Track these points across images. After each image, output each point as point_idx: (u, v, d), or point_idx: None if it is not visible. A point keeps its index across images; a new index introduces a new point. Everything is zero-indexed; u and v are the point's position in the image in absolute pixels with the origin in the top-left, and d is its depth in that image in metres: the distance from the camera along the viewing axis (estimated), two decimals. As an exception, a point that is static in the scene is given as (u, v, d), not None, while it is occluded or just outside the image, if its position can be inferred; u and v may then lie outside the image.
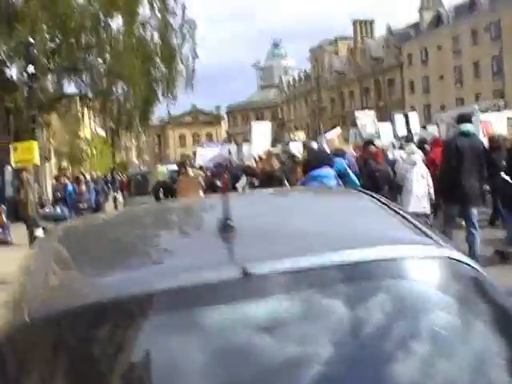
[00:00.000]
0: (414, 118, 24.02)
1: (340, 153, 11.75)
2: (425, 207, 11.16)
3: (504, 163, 10.37)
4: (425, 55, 67.73)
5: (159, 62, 29.01)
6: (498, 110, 23.72)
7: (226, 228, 1.67)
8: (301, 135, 28.24)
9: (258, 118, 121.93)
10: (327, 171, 5.75)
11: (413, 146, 12.51)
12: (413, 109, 62.92)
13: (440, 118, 27.47)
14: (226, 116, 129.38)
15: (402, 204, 11.31)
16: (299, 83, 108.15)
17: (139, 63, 26.68)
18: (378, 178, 11.59)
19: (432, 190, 11.29)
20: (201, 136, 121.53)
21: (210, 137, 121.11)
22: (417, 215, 10.67)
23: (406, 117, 24.39)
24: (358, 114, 27.20)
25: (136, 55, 26.53)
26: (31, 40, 19.39)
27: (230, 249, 1.72)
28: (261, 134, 20.21)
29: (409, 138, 16.10)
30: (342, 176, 9.75)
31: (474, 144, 9.07)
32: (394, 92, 74.84)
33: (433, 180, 11.42)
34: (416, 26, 74.22)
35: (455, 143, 9.03)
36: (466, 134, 9.04)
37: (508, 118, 22.45)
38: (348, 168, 10.33)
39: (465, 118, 9.42)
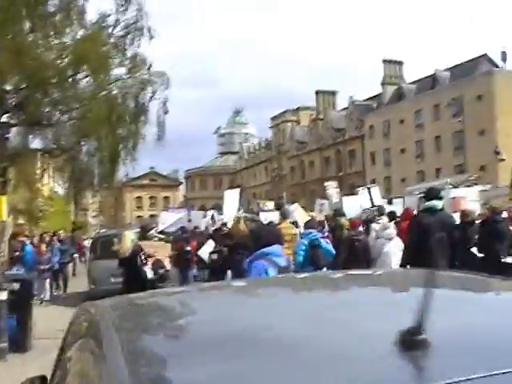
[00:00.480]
0: (376, 191, 23.59)
1: (313, 224, 11.87)
2: None
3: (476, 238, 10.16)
4: (387, 128, 68.18)
5: (127, 118, 28.17)
6: (469, 186, 23.25)
7: (416, 343, 1.04)
8: (269, 205, 27.67)
9: (216, 184, 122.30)
10: (277, 249, 5.33)
11: (386, 220, 12.76)
12: (373, 181, 63.61)
13: (410, 191, 27.04)
14: (184, 180, 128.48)
15: None
16: (259, 151, 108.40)
17: (106, 120, 25.77)
18: (358, 249, 11.78)
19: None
20: (158, 199, 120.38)
21: (167, 200, 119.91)
22: None
23: (369, 190, 23.78)
24: (328, 184, 26.97)
25: (104, 111, 25.63)
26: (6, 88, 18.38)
27: None
28: (231, 201, 20.35)
29: (380, 211, 15.53)
30: (313, 247, 10.68)
31: (441, 220, 8.75)
32: (354, 163, 74.99)
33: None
34: (378, 98, 75.32)
35: (419, 220, 8.89)
36: (432, 211, 8.78)
37: (480, 191, 22.04)
38: (322, 239, 10.96)
39: (432, 194, 9.13)
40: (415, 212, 13.34)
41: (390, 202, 23.52)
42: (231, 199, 21.08)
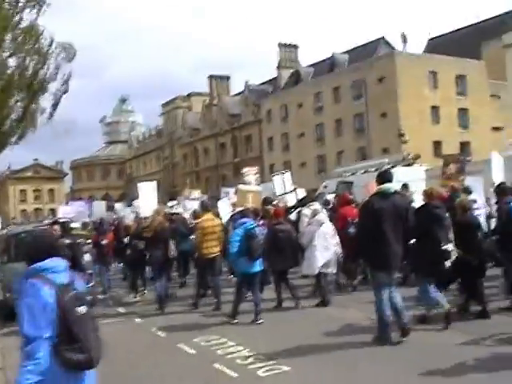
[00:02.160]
0: (288, 177, 22.41)
1: (247, 213, 11.78)
2: (332, 268, 12.11)
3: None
4: (284, 112, 66.65)
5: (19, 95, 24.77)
6: (409, 165, 21.66)
7: None
8: (196, 193, 25.64)
9: (104, 174, 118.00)
10: (56, 263, 4.12)
11: (317, 206, 12.49)
12: (271, 166, 62.09)
13: (338, 173, 25.46)
14: (70, 172, 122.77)
15: (304, 264, 12.08)
16: (150, 139, 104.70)
17: None
18: (281, 239, 11.86)
19: (339, 248, 12.21)
20: (43, 192, 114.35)
21: (52, 193, 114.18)
22: (325, 275, 11.90)
23: (282, 176, 22.69)
24: (246, 170, 26.33)
25: None
26: None
27: None
28: (148, 194, 19.09)
29: (315, 198, 14.76)
30: (248, 237, 10.78)
31: (394, 204, 8.40)
32: (251, 149, 73.12)
33: (342, 236, 12.45)
34: (274, 82, 73.81)
35: (372, 204, 8.47)
36: (384, 194, 8.46)
37: (425, 171, 20.52)
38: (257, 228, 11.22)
39: (384, 177, 8.76)
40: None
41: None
42: (147, 192, 19.51)
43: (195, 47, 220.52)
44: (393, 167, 19.76)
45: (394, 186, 8.78)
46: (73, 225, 15.82)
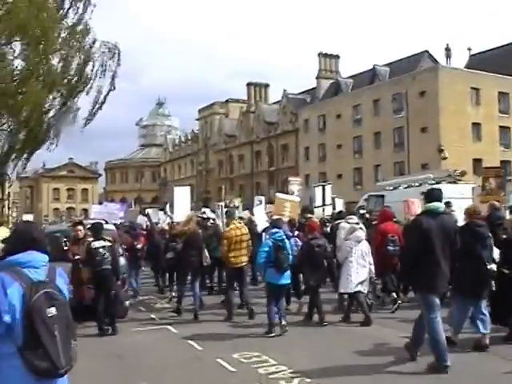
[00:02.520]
0: (329, 189, 23.08)
1: (279, 223, 11.60)
2: (365, 287, 11.73)
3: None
4: (322, 122, 66.11)
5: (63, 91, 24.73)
6: (454, 182, 20.93)
7: None
8: (236, 201, 25.49)
9: (137, 177, 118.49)
10: (33, 257, 3.76)
11: (356, 220, 12.24)
12: (307, 176, 61.56)
13: (382, 186, 25.01)
14: (104, 173, 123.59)
15: (341, 282, 11.77)
16: (185, 143, 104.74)
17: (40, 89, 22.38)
18: (317, 254, 11.55)
19: (373, 267, 11.87)
20: (76, 191, 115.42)
21: (85, 193, 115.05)
22: (359, 293, 11.43)
23: (323, 187, 23.43)
24: (291, 179, 26.80)
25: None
26: None
27: None
28: (183, 199, 19.32)
29: (354, 211, 15.10)
30: (277, 248, 10.70)
31: (443, 224, 8.09)
32: (287, 158, 72.69)
33: (378, 253, 12.44)
34: (313, 92, 73.36)
35: (420, 223, 8.12)
36: (433, 213, 8.11)
37: (473, 188, 19.93)
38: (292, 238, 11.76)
39: (433, 195, 8.37)
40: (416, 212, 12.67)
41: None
42: (182, 197, 19.61)
43: (235, 54, 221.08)
44: (437, 183, 19.25)
45: (442, 205, 8.40)
46: (106, 226, 15.47)
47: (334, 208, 21.94)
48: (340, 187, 50.20)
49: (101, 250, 11.17)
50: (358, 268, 11.56)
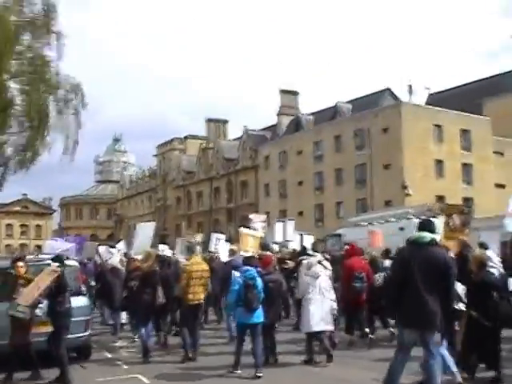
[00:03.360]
0: (291, 225, 22.73)
1: (252, 261, 11.24)
2: (329, 323, 11.20)
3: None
4: (283, 159, 65.27)
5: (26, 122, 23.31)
6: (434, 216, 19.97)
7: None
8: (199, 237, 24.84)
9: (93, 213, 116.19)
10: None
11: (318, 257, 11.96)
12: (267, 213, 60.29)
13: (353, 222, 24.15)
14: (58, 208, 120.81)
15: (303, 321, 11.42)
16: (142, 180, 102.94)
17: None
18: (271, 290, 11.05)
19: (335, 304, 11.47)
20: (30, 227, 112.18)
21: (39, 229, 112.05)
22: (321, 332, 11.03)
23: (284, 224, 23.27)
24: (253, 216, 25.70)
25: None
26: None
27: None
28: (145, 235, 18.92)
29: (315, 248, 13.74)
30: (247, 286, 10.34)
31: (431, 256, 7.42)
32: (247, 194, 71.54)
33: (344, 289, 12.69)
34: (274, 129, 72.69)
35: (402, 253, 7.97)
36: (418, 243, 7.54)
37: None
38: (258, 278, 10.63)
39: (423, 225, 7.83)
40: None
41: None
42: (144, 233, 19.27)
43: (193, 90, 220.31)
44: (417, 218, 18.25)
45: (430, 235, 7.64)
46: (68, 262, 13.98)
47: (301, 245, 21.03)
48: (301, 224, 49.06)
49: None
50: (318, 304, 11.15)
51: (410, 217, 19.05)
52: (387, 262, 14.09)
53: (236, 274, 11.47)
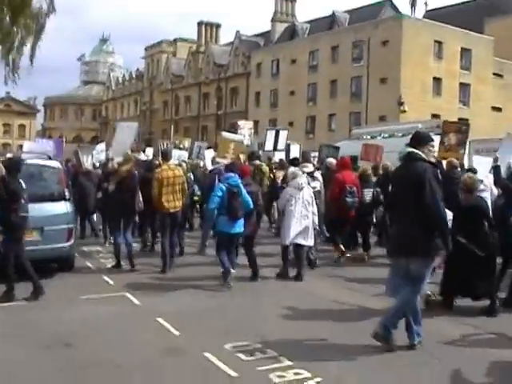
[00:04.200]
0: (284, 135, 21.37)
1: (235, 168, 10.81)
2: (307, 238, 10.74)
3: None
4: (276, 67, 63.21)
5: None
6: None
7: None
8: (186, 142, 23.81)
9: (77, 114, 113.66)
10: None
11: (311, 168, 11.99)
12: (257, 122, 58.84)
13: (356, 134, 22.93)
14: (42, 109, 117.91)
15: (282, 233, 10.98)
16: (129, 82, 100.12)
17: None
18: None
19: (316, 218, 10.99)
20: (12, 127, 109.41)
21: (22, 128, 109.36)
22: (299, 246, 10.72)
23: (277, 132, 21.82)
24: (241, 123, 25.44)
25: None
26: None
27: None
28: (126, 135, 17.56)
29: (305, 158, 13.55)
30: (232, 194, 9.85)
31: (405, 172, 6.49)
32: (237, 102, 69.69)
33: (334, 203, 12.13)
34: (267, 35, 70.12)
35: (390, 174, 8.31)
36: (401, 160, 6.64)
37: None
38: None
39: (415, 138, 6.65)
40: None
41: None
42: (126, 133, 17.87)
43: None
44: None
45: (411, 149, 6.47)
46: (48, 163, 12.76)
47: (287, 155, 20.35)
48: (291, 135, 47.54)
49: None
50: (299, 218, 10.60)
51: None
52: (374, 179, 13.77)
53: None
